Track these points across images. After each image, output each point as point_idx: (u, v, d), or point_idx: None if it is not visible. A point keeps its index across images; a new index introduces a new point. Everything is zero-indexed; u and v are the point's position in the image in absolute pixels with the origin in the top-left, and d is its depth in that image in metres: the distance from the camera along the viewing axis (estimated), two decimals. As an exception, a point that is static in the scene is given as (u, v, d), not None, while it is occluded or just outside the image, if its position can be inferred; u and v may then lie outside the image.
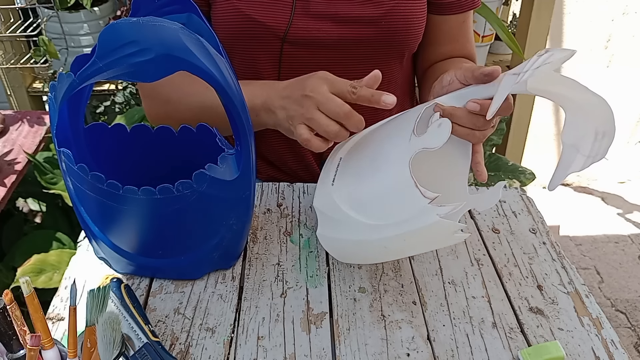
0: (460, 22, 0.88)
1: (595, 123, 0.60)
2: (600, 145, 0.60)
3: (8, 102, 1.66)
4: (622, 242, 2.09)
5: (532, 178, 1.43)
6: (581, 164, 0.61)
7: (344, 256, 0.71)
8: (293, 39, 0.79)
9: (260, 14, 0.78)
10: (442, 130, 0.58)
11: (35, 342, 0.46)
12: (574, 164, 0.62)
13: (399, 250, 0.67)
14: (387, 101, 0.63)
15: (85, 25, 1.56)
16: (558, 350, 0.60)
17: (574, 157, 0.62)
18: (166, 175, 0.65)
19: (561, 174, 0.63)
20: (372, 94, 0.64)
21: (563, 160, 0.62)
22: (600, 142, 0.60)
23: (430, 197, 0.58)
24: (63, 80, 0.56)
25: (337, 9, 0.79)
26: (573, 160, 0.62)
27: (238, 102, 0.59)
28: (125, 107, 1.58)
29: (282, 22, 0.78)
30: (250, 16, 0.78)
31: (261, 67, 0.83)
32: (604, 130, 0.60)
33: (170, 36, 0.53)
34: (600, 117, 0.59)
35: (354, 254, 0.70)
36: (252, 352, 0.61)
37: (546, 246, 0.78)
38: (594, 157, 0.61)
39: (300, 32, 0.79)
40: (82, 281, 0.69)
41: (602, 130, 0.60)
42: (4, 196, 1.15)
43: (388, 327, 0.65)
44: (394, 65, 0.87)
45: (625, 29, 2.04)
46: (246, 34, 0.80)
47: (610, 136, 0.60)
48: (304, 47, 0.81)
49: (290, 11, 0.78)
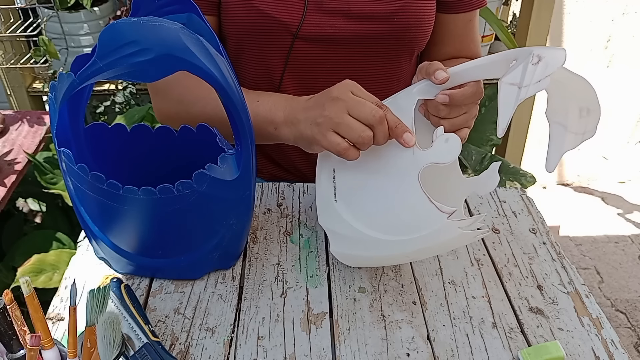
0: (466, 21, 0.88)
1: (577, 99, 0.60)
2: (587, 121, 0.60)
3: (8, 102, 1.66)
4: (622, 242, 2.09)
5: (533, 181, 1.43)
6: (572, 141, 0.61)
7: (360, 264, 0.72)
8: (305, 35, 0.79)
9: (274, 9, 0.78)
10: (451, 146, 0.58)
11: (35, 342, 0.46)
12: (566, 142, 0.61)
13: (421, 256, 0.70)
14: (407, 140, 0.60)
15: (85, 25, 1.56)
16: (558, 350, 0.60)
17: (563, 135, 0.61)
18: (166, 175, 0.65)
19: (555, 153, 0.62)
20: (397, 124, 0.61)
21: (552, 138, 0.62)
22: (587, 118, 0.60)
23: (448, 212, 0.58)
24: (63, 80, 0.56)
25: (350, 6, 0.79)
26: (564, 139, 0.61)
27: (238, 102, 0.59)
28: (125, 107, 1.58)
29: (295, 18, 0.78)
30: (263, 11, 0.78)
31: (269, 61, 0.83)
32: (588, 107, 0.59)
33: (171, 36, 0.53)
34: (581, 94, 0.59)
35: (373, 263, 0.72)
36: (252, 352, 0.61)
37: (546, 246, 0.78)
38: (583, 134, 0.61)
39: (312, 28, 0.79)
40: (82, 281, 0.69)
41: (586, 106, 0.60)
42: (4, 196, 1.15)
43: (388, 327, 0.65)
44: (403, 62, 0.87)
45: (625, 29, 2.04)
46: (258, 28, 0.79)
47: (596, 112, 0.59)
48: (315, 43, 0.81)
49: (303, 7, 0.78)
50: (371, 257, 0.68)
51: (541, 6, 1.59)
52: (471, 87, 0.64)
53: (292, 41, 0.80)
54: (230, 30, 0.81)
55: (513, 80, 0.56)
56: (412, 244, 0.62)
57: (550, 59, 0.55)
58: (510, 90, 0.56)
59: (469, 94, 0.64)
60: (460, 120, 0.67)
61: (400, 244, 0.62)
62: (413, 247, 0.62)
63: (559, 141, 0.61)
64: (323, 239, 0.77)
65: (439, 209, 0.58)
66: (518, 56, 0.59)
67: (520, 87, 0.55)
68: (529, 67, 0.55)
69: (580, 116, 0.60)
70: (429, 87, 0.65)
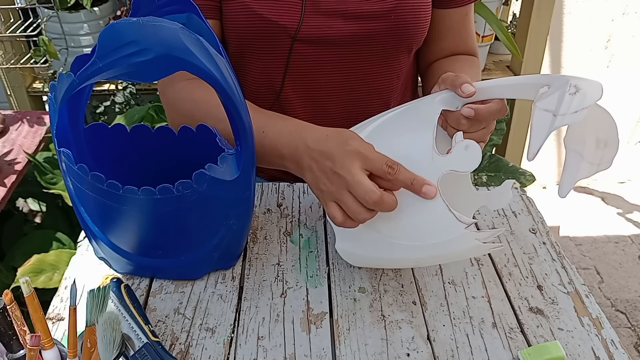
0: (462, 16, 0.89)
1: (596, 130, 0.59)
2: (604, 154, 0.60)
3: (8, 102, 1.66)
4: (622, 242, 2.09)
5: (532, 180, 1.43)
6: (587, 170, 0.61)
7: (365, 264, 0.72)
8: (304, 37, 0.80)
9: (272, 12, 0.78)
10: (471, 153, 0.57)
11: (35, 342, 0.46)
12: (580, 171, 0.61)
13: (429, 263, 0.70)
14: (428, 192, 0.59)
15: (85, 25, 1.56)
16: (558, 350, 0.60)
17: (578, 163, 0.61)
18: (166, 176, 0.65)
19: (568, 179, 0.61)
20: (413, 181, 0.59)
21: (567, 164, 0.62)
22: (603, 150, 0.60)
23: (466, 223, 0.58)
24: (63, 80, 0.56)
25: (347, 5, 0.79)
26: (579, 166, 0.61)
27: (238, 102, 0.59)
28: (125, 107, 1.58)
29: (293, 20, 0.78)
30: (261, 15, 0.78)
31: (270, 65, 0.83)
32: (606, 139, 0.59)
33: (170, 36, 0.53)
34: (601, 125, 0.59)
35: (379, 265, 0.71)
36: (252, 352, 0.61)
37: (546, 246, 0.78)
38: (598, 165, 0.60)
39: (311, 30, 0.79)
40: (82, 281, 0.69)
41: (604, 138, 0.59)
42: (4, 196, 1.15)
43: (388, 327, 0.65)
44: (402, 60, 0.88)
45: (625, 29, 2.04)
46: (257, 32, 0.79)
47: (613, 146, 0.59)
48: (314, 45, 0.81)
49: (301, 9, 0.78)
50: (380, 259, 0.67)
51: (541, 6, 1.59)
52: (496, 104, 0.64)
53: (292, 44, 0.80)
54: (230, 34, 0.81)
55: (548, 107, 0.55)
56: (426, 250, 0.61)
57: (588, 92, 0.54)
58: (545, 117, 0.55)
59: (494, 110, 0.64)
60: (478, 135, 0.67)
61: (413, 249, 0.62)
62: (426, 253, 0.62)
63: (574, 169, 0.61)
64: (323, 239, 0.77)
65: (458, 219, 0.58)
66: (551, 83, 0.58)
67: (556, 115, 0.54)
68: (566, 96, 0.54)
69: (597, 147, 0.60)
70: (452, 98, 0.65)
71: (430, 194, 0.59)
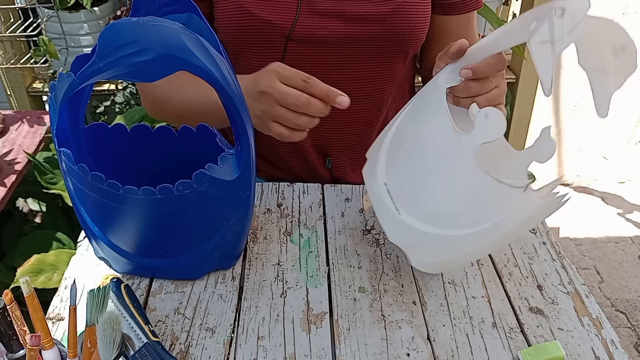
0: (464, 22, 0.88)
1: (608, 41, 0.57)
2: (624, 58, 0.57)
3: (8, 102, 1.66)
4: (622, 242, 2.09)
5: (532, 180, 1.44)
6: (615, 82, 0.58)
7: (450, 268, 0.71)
8: (298, 37, 0.79)
9: (266, 11, 0.77)
10: (493, 119, 0.56)
11: (35, 342, 0.46)
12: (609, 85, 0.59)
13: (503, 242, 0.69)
14: (342, 102, 0.64)
15: (85, 25, 1.56)
16: (558, 350, 0.60)
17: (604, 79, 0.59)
18: (166, 175, 0.65)
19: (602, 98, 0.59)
20: (327, 93, 0.64)
21: (595, 86, 0.59)
22: (622, 55, 0.57)
23: (523, 186, 0.55)
24: (63, 80, 0.56)
25: (344, 7, 0.79)
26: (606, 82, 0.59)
27: (238, 102, 0.59)
28: (125, 107, 1.59)
29: (287, 20, 0.78)
30: (255, 14, 0.77)
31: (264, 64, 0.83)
32: (620, 44, 0.57)
33: (171, 36, 0.53)
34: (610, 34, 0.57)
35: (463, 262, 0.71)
36: (252, 352, 0.61)
37: (546, 246, 0.78)
38: (624, 72, 0.58)
39: (305, 30, 0.79)
40: (82, 281, 0.69)
41: (619, 44, 0.57)
42: (4, 196, 1.15)
43: (388, 327, 0.65)
44: (397, 64, 0.87)
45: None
46: (251, 32, 0.79)
47: (631, 47, 0.57)
48: (308, 45, 0.81)
49: (296, 9, 0.78)
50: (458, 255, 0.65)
51: (541, 6, 1.58)
52: (492, 58, 0.63)
53: (286, 43, 0.80)
54: (223, 34, 0.81)
55: (543, 38, 0.54)
56: (496, 229, 0.59)
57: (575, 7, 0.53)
58: (544, 49, 0.54)
59: (492, 64, 0.63)
60: (494, 95, 0.66)
61: (484, 233, 0.59)
62: (497, 232, 0.59)
63: (602, 86, 0.59)
64: (323, 239, 0.77)
65: (512, 186, 0.55)
66: (537, 16, 0.56)
67: (553, 42, 0.53)
68: (555, 21, 0.53)
69: (615, 55, 0.57)
70: (452, 74, 0.64)
71: (344, 103, 0.64)
